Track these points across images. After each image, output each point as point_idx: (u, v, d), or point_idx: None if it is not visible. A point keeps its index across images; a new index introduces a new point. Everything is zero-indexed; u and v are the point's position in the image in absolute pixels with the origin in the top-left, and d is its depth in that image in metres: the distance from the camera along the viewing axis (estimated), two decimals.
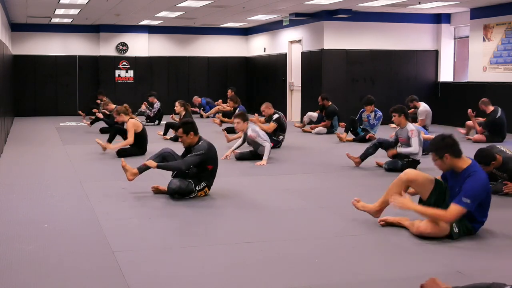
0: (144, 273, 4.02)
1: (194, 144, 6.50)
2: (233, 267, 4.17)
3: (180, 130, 6.49)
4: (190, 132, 6.48)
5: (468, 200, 4.59)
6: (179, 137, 6.57)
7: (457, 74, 16.34)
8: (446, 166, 4.83)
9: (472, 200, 4.61)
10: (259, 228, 5.25)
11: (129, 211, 5.87)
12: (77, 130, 14.22)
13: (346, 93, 14.87)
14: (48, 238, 4.88)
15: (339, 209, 5.94)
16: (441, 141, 4.84)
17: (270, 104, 10.77)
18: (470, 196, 4.60)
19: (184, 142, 6.54)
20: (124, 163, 6.60)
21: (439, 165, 4.86)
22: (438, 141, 4.87)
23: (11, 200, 6.37)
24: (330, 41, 15.45)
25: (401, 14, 15.68)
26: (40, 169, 8.46)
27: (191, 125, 6.54)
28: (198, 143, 6.48)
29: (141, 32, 19.37)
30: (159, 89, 19.53)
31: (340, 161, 9.16)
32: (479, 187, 4.68)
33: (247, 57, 20.61)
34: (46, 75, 19.04)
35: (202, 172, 6.42)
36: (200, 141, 6.50)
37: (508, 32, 13.59)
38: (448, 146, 4.78)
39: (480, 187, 4.68)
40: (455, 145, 4.80)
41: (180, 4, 14.14)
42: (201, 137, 6.58)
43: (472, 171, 4.73)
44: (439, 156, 4.80)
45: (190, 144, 6.53)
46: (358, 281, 3.91)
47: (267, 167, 8.69)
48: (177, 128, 6.65)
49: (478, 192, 4.66)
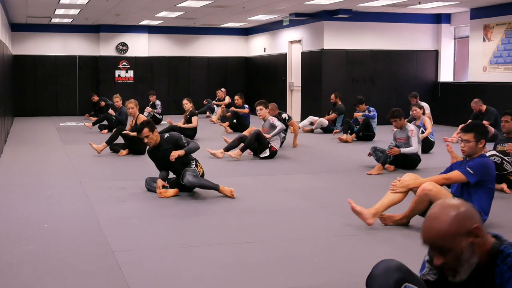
0: (144, 273, 4.02)
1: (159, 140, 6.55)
2: (233, 267, 4.17)
3: (146, 129, 6.48)
4: (154, 129, 6.56)
5: (471, 170, 4.80)
6: (145, 137, 6.49)
7: (457, 74, 16.34)
8: (473, 150, 4.93)
9: (475, 172, 4.80)
10: (259, 228, 5.25)
11: (129, 211, 5.87)
12: (77, 130, 14.22)
13: (346, 93, 14.86)
14: (48, 238, 4.88)
15: (339, 209, 5.94)
16: (484, 128, 5.06)
17: (275, 105, 10.84)
18: (473, 168, 4.82)
19: (151, 140, 6.52)
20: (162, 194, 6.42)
21: (470, 147, 4.92)
22: (482, 126, 5.08)
23: (11, 200, 6.37)
24: (330, 41, 15.45)
25: (401, 14, 15.67)
26: (40, 169, 8.46)
27: (152, 122, 6.66)
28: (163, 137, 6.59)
29: (141, 32, 19.38)
30: (159, 89, 19.53)
31: (340, 161, 9.17)
32: (486, 164, 4.90)
33: (247, 57, 20.61)
34: (46, 75, 19.05)
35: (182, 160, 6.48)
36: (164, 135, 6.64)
37: (508, 32, 13.59)
38: (487, 135, 5.02)
39: (487, 165, 4.90)
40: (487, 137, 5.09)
41: (180, 4, 14.14)
42: None
43: (484, 156, 4.99)
44: (477, 139, 4.91)
45: (156, 141, 6.55)
46: (358, 281, 3.91)
47: (267, 167, 8.69)
48: (139, 130, 6.53)
49: (481, 167, 4.85)
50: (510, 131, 7.08)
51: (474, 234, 2.16)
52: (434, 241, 2.17)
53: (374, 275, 2.46)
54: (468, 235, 2.15)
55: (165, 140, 6.56)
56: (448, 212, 2.17)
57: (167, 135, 6.62)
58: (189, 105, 12.12)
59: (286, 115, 10.76)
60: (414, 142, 8.14)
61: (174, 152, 6.35)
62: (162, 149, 6.54)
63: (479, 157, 4.95)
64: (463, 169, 4.85)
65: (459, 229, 2.14)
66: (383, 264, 2.48)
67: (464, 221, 2.16)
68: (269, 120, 9.65)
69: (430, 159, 9.15)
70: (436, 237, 2.16)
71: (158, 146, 6.58)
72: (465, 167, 4.85)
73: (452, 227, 2.14)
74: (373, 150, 8.45)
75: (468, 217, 2.17)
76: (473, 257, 2.18)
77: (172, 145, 6.50)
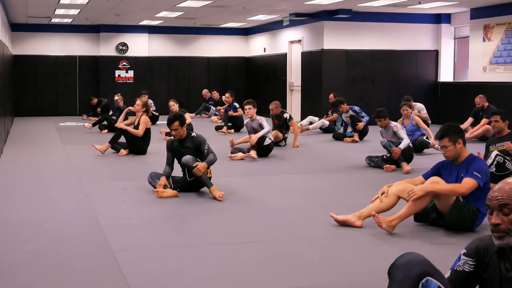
0: (144, 273, 4.02)
1: (185, 136, 6.54)
2: (233, 267, 4.17)
3: (176, 123, 6.49)
4: (184, 123, 6.56)
5: (479, 174, 4.76)
6: (173, 130, 6.52)
7: (457, 74, 16.34)
8: (455, 153, 4.91)
9: (482, 175, 4.78)
10: (259, 228, 5.25)
11: (129, 211, 5.87)
12: (77, 130, 14.22)
13: (346, 93, 14.85)
14: (48, 238, 4.88)
15: (339, 209, 5.94)
16: (455, 127, 4.98)
17: (279, 103, 10.91)
18: (479, 171, 4.78)
19: (178, 134, 6.54)
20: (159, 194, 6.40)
21: (451, 151, 4.90)
22: (452, 127, 4.99)
23: (11, 200, 6.37)
24: (330, 41, 15.45)
25: (401, 14, 15.67)
26: (40, 169, 8.46)
27: (184, 117, 6.66)
28: (191, 134, 6.58)
29: (141, 32, 19.37)
30: (159, 89, 19.56)
31: (340, 161, 9.17)
32: (484, 165, 4.90)
33: (247, 57, 20.61)
34: (46, 75, 19.04)
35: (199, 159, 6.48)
36: (191, 133, 6.63)
37: (508, 32, 13.59)
38: (461, 132, 4.96)
39: (485, 166, 4.90)
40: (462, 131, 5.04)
41: (180, 4, 14.14)
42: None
43: (474, 157, 4.95)
44: (453, 141, 4.88)
45: (182, 136, 6.56)
46: (358, 281, 3.91)
47: (267, 167, 8.69)
48: (171, 122, 6.53)
49: (485, 170, 4.84)
50: (500, 131, 7.17)
51: None
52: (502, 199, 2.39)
53: (398, 265, 2.48)
54: None
55: (191, 138, 6.56)
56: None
57: (194, 134, 6.59)
58: (176, 106, 12.14)
59: (288, 115, 10.78)
60: (403, 134, 8.36)
61: (201, 167, 6.26)
62: (183, 145, 6.55)
63: (474, 159, 4.91)
64: (472, 175, 4.75)
65: None
66: (407, 255, 2.51)
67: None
68: (258, 120, 9.61)
69: (425, 159, 9.15)
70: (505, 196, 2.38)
71: (181, 141, 6.59)
72: (472, 173, 4.76)
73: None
74: (368, 159, 8.66)
75: None
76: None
77: (194, 147, 6.51)
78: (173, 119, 6.52)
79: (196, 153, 6.49)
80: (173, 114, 6.73)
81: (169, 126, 6.57)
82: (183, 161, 6.38)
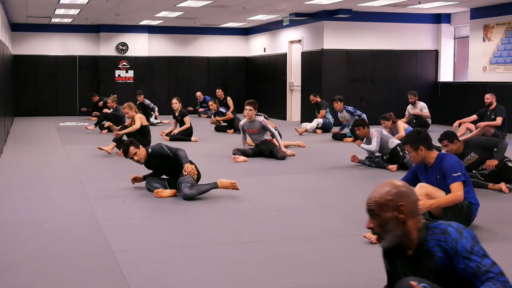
0: (144, 273, 4.02)
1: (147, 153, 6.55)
2: (233, 267, 4.17)
3: (131, 149, 6.47)
4: (138, 145, 6.55)
5: (457, 172, 4.89)
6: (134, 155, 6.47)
7: (457, 74, 16.34)
8: (419, 158, 5.07)
9: (458, 170, 4.91)
10: (259, 228, 5.25)
11: (129, 211, 5.87)
12: (77, 130, 14.22)
13: (346, 93, 14.85)
14: (48, 238, 4.88)
15: (339, 209, 5.94)
16: (416, 135, 5.14)
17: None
18: (454, 170, 4.90)
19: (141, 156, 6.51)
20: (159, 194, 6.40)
21: (414, 157, 5.09)
22: (414, 135, 5.17)
23: (11, 200, 6.37)
24: (330, 41, 15.45)
25: (401, 14, 15.67)
26: (40, 169, 8.46)
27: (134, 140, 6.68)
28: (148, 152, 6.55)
29: (141, 32, 19.37)
30: (159, 89, 19.56)
31: (340, 161, 9.17)
32: (455, 160, 5.00)
33: (247, 57, 20.61)
34: (46, 75, 19.04)
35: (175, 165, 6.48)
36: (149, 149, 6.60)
37: (508, 32, 13.59)
38: (423, 139, 5.07)
39: (456, 161, 5.00)
40: (428, 139, 5.09)
41: (180, 4, 14.14)
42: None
43: (443, 156, 5.09)
44: (414, 148, 5.04)
45: (145, 156, 6.55)
46: (358, 281, 3.91)
47: (267, 167, 8.69)
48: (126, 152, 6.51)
49: (458, 165, 4.95)
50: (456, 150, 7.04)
51: (399, 210, 2.61)
52: (369, 205, 2.67)
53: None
54: (394, 210, 2.61)
55: (150, 155, 6.57)
56: (387, 187, 2.65)
57: (150, 151, 6.58)
58: (179, 105, 12.07)
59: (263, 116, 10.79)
60: (374, 141, 8.55)
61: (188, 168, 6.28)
62: (151, 164, 6.62)
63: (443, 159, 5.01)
64: (453, 179, 4.84)
65: (389, 202, 2.62)
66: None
67: (396, 197, 2.62)
68: (258, 122, 9.43)
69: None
70: (373, 201, 2.66)
71: (148, 160, 6.61)
72: (452, 176, 4.85)
73: (385, 197, 2.63)
74: (368, 160, 8.74)
75: (401, 196, 2.63)
76: (397, 229, 2.62)
77: (157, 159, 6.53)
78: (126, 148, 6.51)
79: (166, 161, 6.48)
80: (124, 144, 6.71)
81: (126, 156, 6.57)
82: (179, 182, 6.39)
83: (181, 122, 11.92)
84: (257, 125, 9.47)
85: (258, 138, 9.53)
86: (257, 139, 9.55)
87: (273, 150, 9.34)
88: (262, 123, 9.43)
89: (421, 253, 2.63)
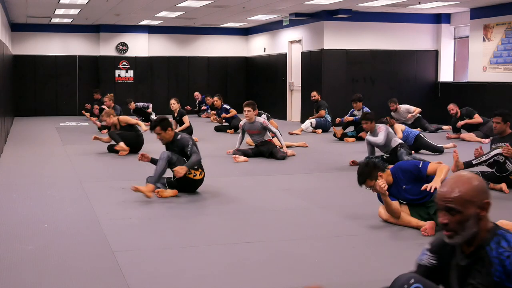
0: (144, 273, 4.02)
1: (172, 138, 6.58)
2: (233, 267, 4.17)
3: (158, 128, 6.54)
4: (168, 127, 6.57)
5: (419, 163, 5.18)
6: (157, 135, 6.59)
7: (457, 74, 16.34)
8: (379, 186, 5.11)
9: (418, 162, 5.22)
10: (259, 228, 5.25)
11: (129, 211, 5.87)
12: (77, 130, 14.23)
13: (346, 93, 14.86)
14: (48, 238, 4.88)
15: (339, 209, 5.94)
16: (367, 167, 5.21)
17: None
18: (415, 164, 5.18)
19: (164, 138, 6.60)
20: (134, 187, 6.35)
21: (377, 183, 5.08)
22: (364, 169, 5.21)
23: (11, 200, 6.37)
24: (330, 41, 15.45)
25: (401, 14, 15.67)
26: (40, 169, 8.46)
27: (167, 120, 6.67)
28: (176, 137, 6.59)
29: (141, 32, 19.37)
30: (159, 89, 19.57)
31: (340, 161, 9.16)
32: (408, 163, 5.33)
33: (247, 57, 20.60)
34: (46, 75, 19.04)
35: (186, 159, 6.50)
36: (177, 135, 6.63)
37: (508, 32, 13.59)
38: (375, 167, 5.17)
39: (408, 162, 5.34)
40: (377, 164, 5.26)
41: (180, 4, 14.14)
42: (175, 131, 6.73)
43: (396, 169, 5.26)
44: (374, 179, 5.11)
45: (168, 140, 6.60)
46: (358, 281, 3.91)
47: (267, 167, 8.69)
48: (153, 127, 6.60)
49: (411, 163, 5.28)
50: (501, 132, 7.17)
51: (483, 207, 2.47)
52: (452, 200, 2.46)
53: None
54: (478, 206, 2.46)
55: (175, 140, 6.60)
56: (471, 181, 2.48)
57: (179, 137, 6.62)
58: (177, 105, 12.12)
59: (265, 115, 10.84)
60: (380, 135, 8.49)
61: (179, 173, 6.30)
62: (171, 148, 6.63)
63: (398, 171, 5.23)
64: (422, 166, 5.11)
65: (474, 198, 2.45)
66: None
67: (480, 193, 2.47)
68: (259, 123, 9.40)
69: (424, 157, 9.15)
70: (454, 198, 2.46)
71: (168, 144, 6.66)
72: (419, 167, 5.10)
73: (470, 193, 2.45)
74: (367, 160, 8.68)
75: (484, 192, 2.48)
76: (474, 227, 2.46)
77: (178, 149, 6.54)
78: (155, 125, 6.60)
79: (182, 154, 6.53)
80: (156, 119, 6.77)
81: (152, 131, 6.69)
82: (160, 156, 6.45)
83: (180, 122, 11.95)
84: (258, 126, 9.44)
85: (258, 139, 9.53)
86: (257, 140, 9.55)
87: (273, 151, 9.34)
88: (263, 124, 9.41)
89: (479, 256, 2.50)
